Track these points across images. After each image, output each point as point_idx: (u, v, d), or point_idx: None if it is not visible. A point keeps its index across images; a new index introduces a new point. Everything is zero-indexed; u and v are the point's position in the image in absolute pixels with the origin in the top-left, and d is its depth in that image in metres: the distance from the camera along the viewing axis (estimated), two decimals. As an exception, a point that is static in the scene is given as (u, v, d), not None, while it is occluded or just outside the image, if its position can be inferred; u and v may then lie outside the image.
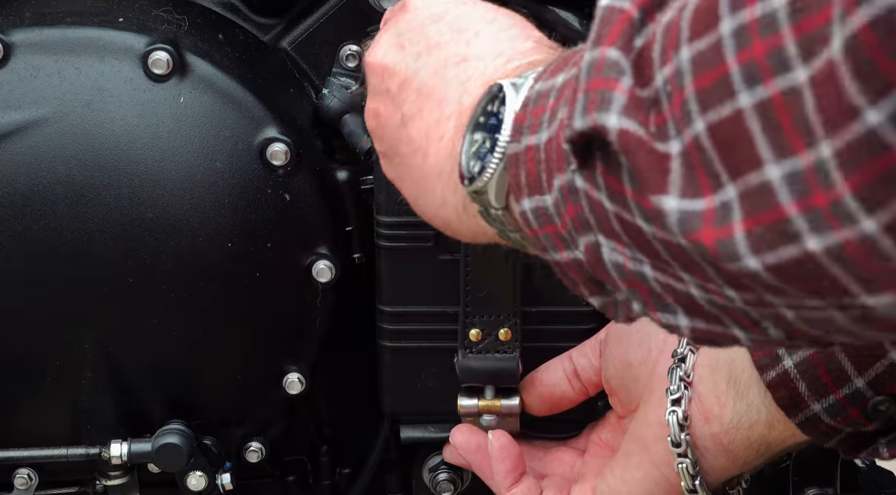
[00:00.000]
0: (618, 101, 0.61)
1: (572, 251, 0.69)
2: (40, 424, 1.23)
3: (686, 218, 0.58)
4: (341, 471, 1.33)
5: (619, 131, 0.60)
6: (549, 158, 0.68)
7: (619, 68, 0.61)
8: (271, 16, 1.24)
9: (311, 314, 1.21)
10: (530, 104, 0.72)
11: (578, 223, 0.67)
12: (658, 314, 0.65)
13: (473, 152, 0.77)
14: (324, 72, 1.22)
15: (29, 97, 1.15)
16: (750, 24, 0.54)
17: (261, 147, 1.15)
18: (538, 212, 0.71)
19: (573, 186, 0.65)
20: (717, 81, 0.56)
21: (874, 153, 0.50)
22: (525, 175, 0.71)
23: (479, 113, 0.77)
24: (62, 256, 1.16)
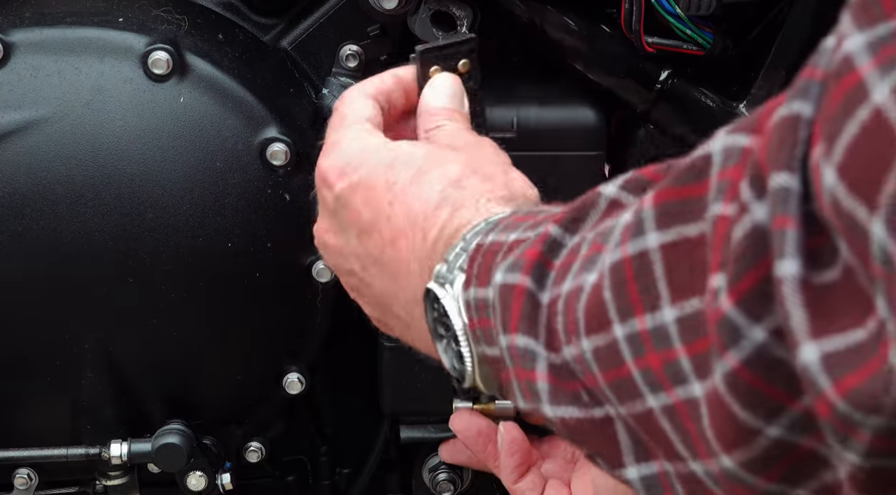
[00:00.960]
0: (543, 390, 0.65)
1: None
2: (40, 424, 1.23)
3: (649, 484, 0.62)
4: (341, 471, 1.34)
5: (559, 420, 0.65)
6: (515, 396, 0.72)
7: (531, 355, 0.66)
8: (271, 16, 1.24)
9: (311, 314, 1.21)
10: (467, 312, 0.75)
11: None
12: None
13: (444, 350, 0.79)
14: (324, 72, 1.22)
15: (29, 97, 1.14)
16: (642, 333, 0.58)
17: (261, 147, 1.15)
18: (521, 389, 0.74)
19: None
20: (623, 379, 0.60)
21: (780, 458, 0.54)
22: (499, 377, 0.74)
23: (431, 312, 0.79)
24: (62, 256, 1.16)
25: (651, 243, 0.58)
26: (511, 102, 1.16)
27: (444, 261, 0.77)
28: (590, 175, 1.16)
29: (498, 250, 0.72)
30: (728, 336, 0.53)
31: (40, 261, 1.16)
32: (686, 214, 0.57)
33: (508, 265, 0.70)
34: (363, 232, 0.85)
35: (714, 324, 0.53)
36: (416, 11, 1.14)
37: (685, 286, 0.56)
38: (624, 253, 0.60)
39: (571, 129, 1.15)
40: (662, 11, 1.11)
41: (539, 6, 1.15)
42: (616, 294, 0.60)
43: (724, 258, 0.53)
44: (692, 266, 0.56)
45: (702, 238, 0.56)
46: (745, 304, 0.52)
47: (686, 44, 1.14)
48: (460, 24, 1.13)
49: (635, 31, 1.13)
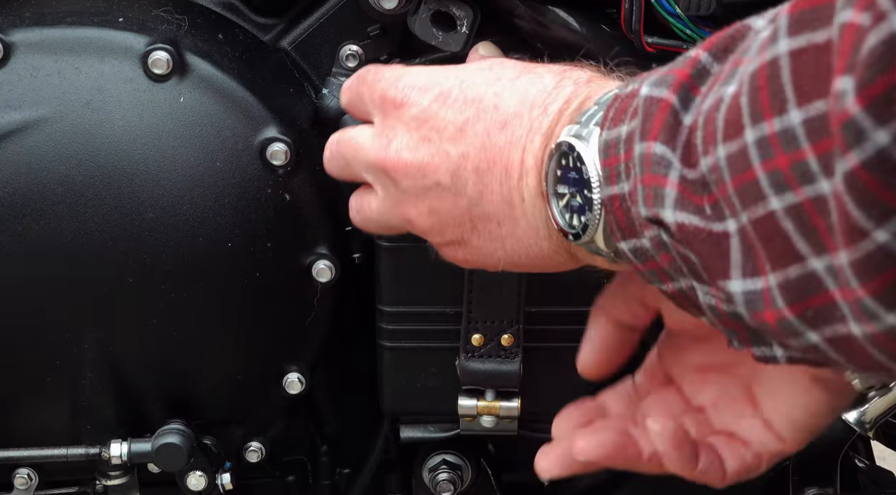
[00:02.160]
0: (669, 196, 0.67)
1: (678, 282, 0.73)
2: (40, 424, 1.23)
3: (751, 299, 0.64)
4: (341, 471, 1.34)
5: (677, 225, 0.67)
6: (628, 210, 0.73)
7: (665, 163, 0.67)
8: (271, 16, 1.24)
9: (311, 314, 1.21)
10: (600, 155, 0.76)
11: (674, 268, 0.71)
12: (754, 349, 0.70)
13: (564, 207, 0.80)
14: (324, 72, 1.22)
15: (29, 97, 1.15)
16: (770, 137, 0.61)
17: (261, 147, 1.15)
18: (637, 252, 0.75)
19: (661, 241, 0.71)
20: (749, 183, 0.62)
21: (884, 267, 0.56)
22: (615, 221, 0.75)
23: (554, 170, 0.80)
24: (62, 256, 1.16)
25: (781, 49, 0.61)
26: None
27: (576, 123, 0.79)
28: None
29: (635, 95, 0.75)
30: (852, 137, 0.55)
31: (40, 261, 1.16)
32: (815, 21, 0.59)
33: (655, 81, 0.73)
34: (459, 130, 0.85)
35: (839, 125, 0.56)
36: (416, 11, 1.14)
37: (811, 90, 0.59)
38: (760, 61, 0.62)
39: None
40: (662, 11, 1.11)
41: (539, 6, 1.15)
42: (750, 99, 0.63)
43: (852, 63, 0.55)
44: (818, 71, 0.59)
45: (828, 44, 0.58)
46: (872, 108, 0.54)
47: (686, 44, 1.14)
48: (460, 24, 1.13)
49: (635, 31, 1.13)
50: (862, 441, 1.33)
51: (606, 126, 0.76)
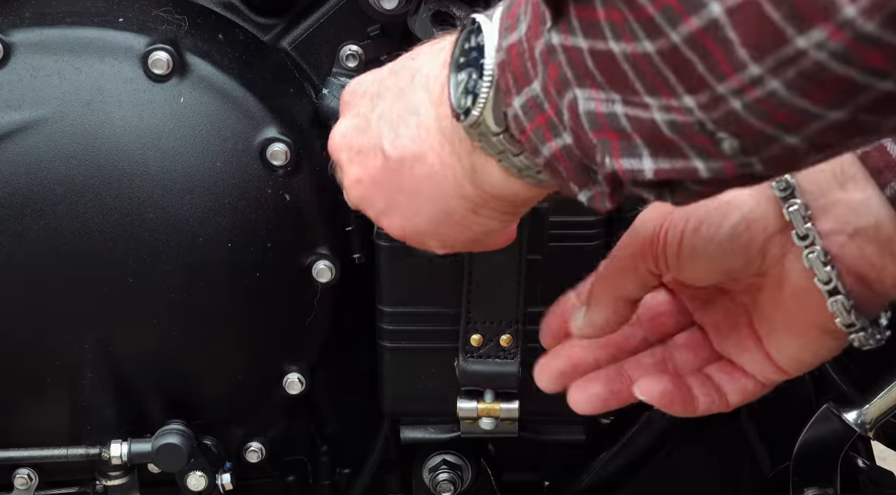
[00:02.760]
0: None
1: (560, 137, 0.71)
2: (40, 424, 1.23)
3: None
4: (341, 471, 1.34)
5: None
6: (529, 39, 0.71)
7: None
8: (271, 16, 1.24)
9: (311, 314, 1.21)
10: (504, 13, 0.75)
11: (560, 84, 0.69)
12: (623, 161, 0.67)
13: (462, 90, 0.78)
14: (324, 72, 1.22)
15: (29, 97, 1.15)
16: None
17: (261, 147, 1.15)
18: (528, 106, 0.73)
19: (551, 46, 0.68)
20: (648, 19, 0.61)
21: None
22: (512, 74, 0.73)
23: (458, 55, 0.79)
24: (62, 256, 1.16)
25: None
26: (511, 102, 1.16)
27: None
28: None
29: None
30: None
31: (40, 261, 1.16)
32: None
33: None
34: (377, 95, 0.88)
35: None
36: (416, 11, 1.14)
37: None
38: None
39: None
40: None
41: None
42: None
43: None
44: None
45: None
46: None
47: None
48: (460, 24, 1.13)
49: (635, 31, 1.13)
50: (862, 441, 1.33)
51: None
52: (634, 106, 0.65)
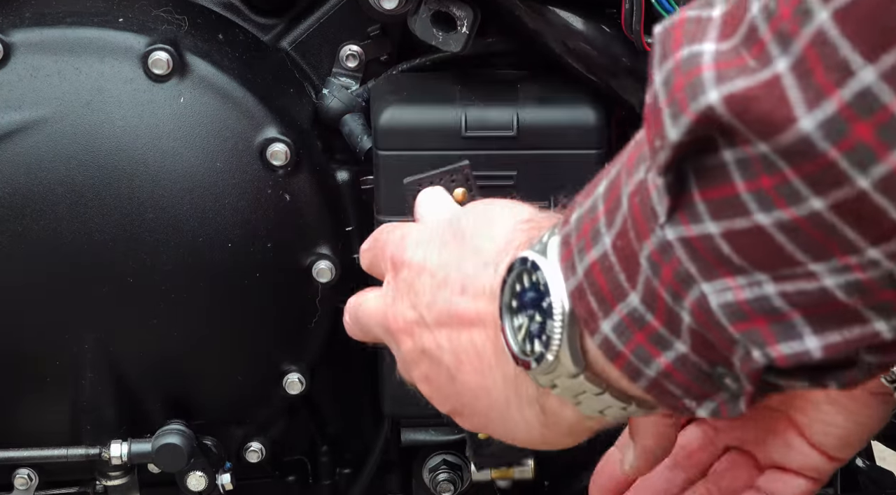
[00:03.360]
0: (708, 76, 0.57)
1: (671, 349, 0.64)
2: (40, 424, 1.23)
3: (828, 124, 0.53)
4: (341, 471, 1.33)
5: (725, 98, 0.56)
6: (624, 248, 0.64)
7: (698, 55, 0.57)
8: (271, 16, 1.24)
9: (311, 314, 1.21)
10: (572, 236, 0.68)
11: (677, 285, 0.61)
12: (781, 347, 0.59)
13: (524, 336, 0.71)
14: (324, 72, 1.22)
15: (29, 97, 1.15)
16: None
17: (261, 147, 1.15)
18: (622, 326, 0.65)
19: (664, 244, 0.61)
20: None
21: None
22: (596, 296, 0.66)
23: (508, 298, 0.72)
24: (62, 256, 1.16)
25: None
26: (511, 102, 1.16)
27: (527, 248, 0.72)
28: (590, 174, 1.16)
29: (592, 191, 0.68)
30: None
31: (40, 261, 1.16)
32: None
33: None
34: (433, 297, 0.79)
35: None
36: (416, 11, 1.14)
37: None
38: None
39: (572, 128, 1.15)
40: (662, 11, 1.11)
41: (539, 6, 1.15)
42: None
43: None
44: None
45: None
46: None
47: (686, 44, 1.14)
48: (460, 24, 1.13)
49: (635, 31, 1.13)
50: (862, 441, 1.33)
51: (575, 209, 0.69)
52: (792, 279, 0.58)
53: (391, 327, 0.83)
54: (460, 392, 0.79)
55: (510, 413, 0.77)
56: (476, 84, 1.19)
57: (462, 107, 1.15)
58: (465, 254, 0.78)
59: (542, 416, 0.75)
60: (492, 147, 1.15)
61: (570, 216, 0.69)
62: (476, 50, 1.18)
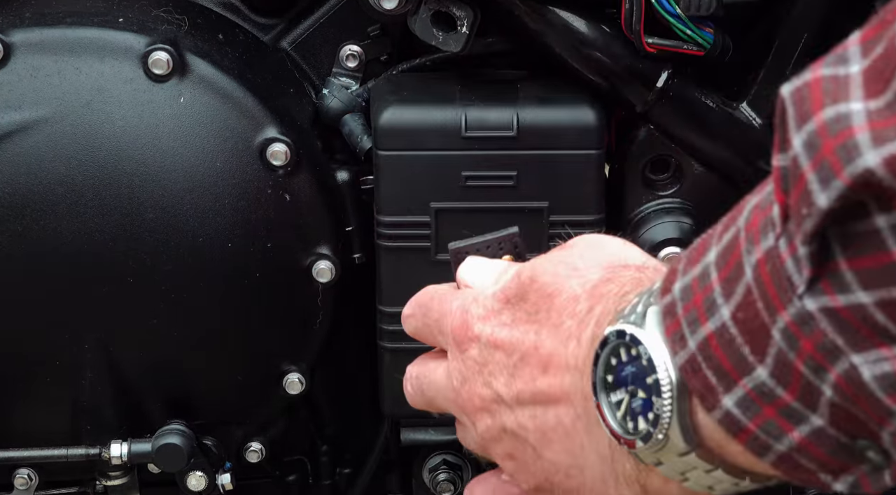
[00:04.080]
0: (863, 137, 0.54)
1: (805, 422, 0.61)
2: (40, 424, 1.23)
3: None
4: (341, 471, 1.33)
5: (885, 161, 0.53)
6: (750, 320, 0.61)
7: (846, 116, 0.55)
8: (271, 16, 1.24)
9: (311, 314, 1.21)
10: (678, 307, 0.65)
11: (821, 358, 0.58)
12: None
13: (624, 414, 0.68)
14: (324, 72, 1.22)
15: (29, 97, 1.14)
16: None
17: (261, 147, 1.15)
18: (747, 401, 0.62)
19: (804, 315, 0.58)
20: None
21: None
22: (715, 371, 0.63)
23: (603, 374, 0.69)
24: (62, 256, 1.16)
25: None
26: (511, 102, 1.16)
27: (616, 321, 0.69)
28: (590, 174, 1.16)
29: (700, 256, 0.64)
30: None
31: (40, 261, 1.16)
32: None
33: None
34: (511, 375, 0.77)
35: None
36: (416, 11, 1.14)
37: None
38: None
39: (572, 129, 1.15)
40: (662, 11, 1.11)
41: (539, 6, 1.15)
42: None
43: None
44: None
45: None
46: None
47: (686, 44, 1.14)
48: (460, 24, 1.13)
49: (635, 31, 1.13)
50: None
51: (677, 278, 0.65)
52: None
53: (465, 408, 0.80)
54: (548, 470, 0.76)
55: (606, 492, 0.73)
56: (476, 84, 1.19)
57: (462, 107, 1.15)
58: (540, 329, 0.75)
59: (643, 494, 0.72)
60: (492, 147, 1.15)
61: (672, 285, 0.66)
62: (476, 50, 1.18)
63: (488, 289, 0.80)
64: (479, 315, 0.79)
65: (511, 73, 1.22)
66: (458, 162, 1.15)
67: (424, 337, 0.87)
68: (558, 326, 0.74)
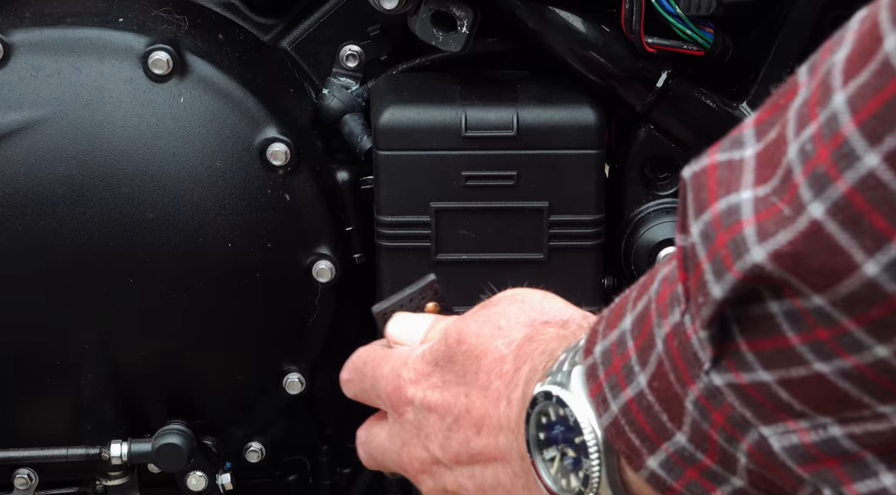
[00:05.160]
0: (750, 232, 0.55)
1: (727, 483, 0.62)
2: (40, 424, 1.23)
3: (889, 269, 0.51)
4: (341, 471, 1.33)
5: (771, 256, 0.54)
6: (664, 390, 0.61)
7: (737, 209, 0.55)
8: (271, 16, 1.24)
9: (311, 314, 1.21)
10: (600, 370, 0.66)
11: (731, 429, 0.59)
12: (856, 486, 0.57)
13: (556, 472, 0.70)
14: (324, 72, 1.22)
15: (29, 97, 1.15)
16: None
17: (261, 147, 1.15)
18: (670, 463, 0.63)
19: (712, 390, 0.59)
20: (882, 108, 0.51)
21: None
22: (637, 434, 0.64)
23: (535, 432, 0.70)
24: (62, 256, 1.16)
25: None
26: (511, 102, 1.16)
27: (544, 379, 0.70)
28: (590, 174, 1.16)
29: (621, 312, 0.65)
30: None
31: (41, 260, 1.16)
32: None
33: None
34: (446, 438, 0.78)
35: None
36: (416, 11, 1.14)
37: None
38: None
39: (572, 128, 1.15)
40: (662, 11, 1.11)
41: (539, 6, 1.15)
42: None
43: None
44: None
45: None
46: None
47: (686, 44, 1.14)
48: (460, 25, 1.13)
49: (635, 31, 1.13)
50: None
51: (596, 340, 0.66)
52: (860, 422, 0.56)
53: (408, 471, 0.82)
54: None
55: None
56: (476, 84, 1.19)
57: (462, 107, 1.15)
58: (470, 391, 0.76)
59: None
60: (492, 147, 1.15)
61: (594, 347, 0.67)
62: (476, 50, 1.18)
63: (417, 349, 0.82)
64: (410, 378, 0.80)
65: (511, 73, 1.22)
66: (458, 162, 1.15)
67: (365, 400, 0.88)
68: (487, 387, 0.75)
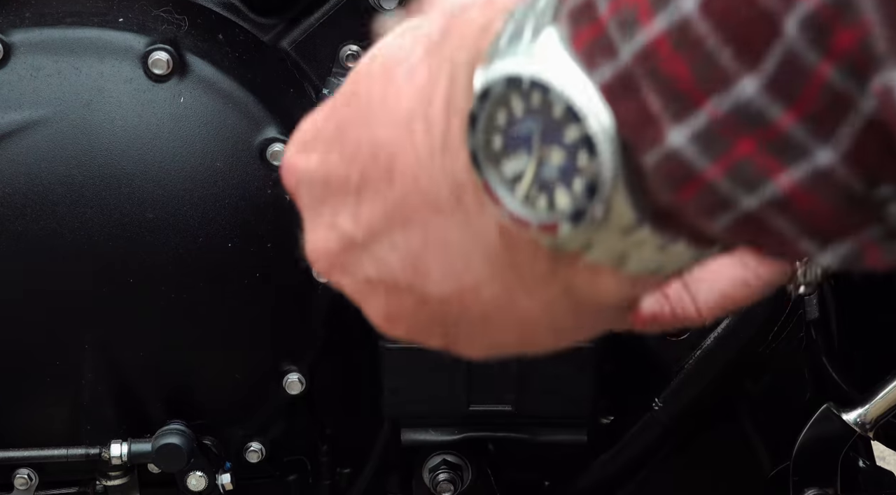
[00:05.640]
0: None
1: (808, 158, 0.41)
2: (40, 424, 1.23)
3: None
4: (341, 471, 1.34)
5: None
6: (740, 6, 0.40)
7: None
8: (271, 16, 1.24)
9: (312, 314, 1.21)
10: (599, 5, 0.43)
11: (865, 58, 0.39)
12: None
13: (529, 188, 0.46)
14: (324, 72, 1.22)
15: (29, 97, 1.15)
16: None
17: (261, 147, 1.15)
18: (712, 131, 0.41)
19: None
20: None
21: None
22: (662, 91, 0.42)
23: (481, 141, 0.47)
24: (62, 256, 1.16)
25: None
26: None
27: (488, 61, 0.46)
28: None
29: None
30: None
31: (40, 261, 1.16)
32: None
33: None
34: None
35: None
36: (416, 11, 1.14)
37: None
38: None
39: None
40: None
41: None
42: None
43: None
44: None
45: None
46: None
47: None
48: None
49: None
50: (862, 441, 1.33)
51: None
52: None
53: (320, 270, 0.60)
54: (437, 317, 0.56)
55: (511, 301, 0.51)
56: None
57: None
58: (372, 130, 0.55)
59: (564, 299, 0.50)
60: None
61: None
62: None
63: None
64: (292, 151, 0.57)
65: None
66: None
67: None
68: (394, 112, 0.54)
